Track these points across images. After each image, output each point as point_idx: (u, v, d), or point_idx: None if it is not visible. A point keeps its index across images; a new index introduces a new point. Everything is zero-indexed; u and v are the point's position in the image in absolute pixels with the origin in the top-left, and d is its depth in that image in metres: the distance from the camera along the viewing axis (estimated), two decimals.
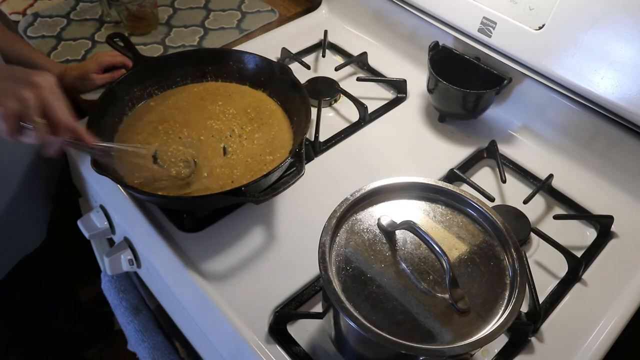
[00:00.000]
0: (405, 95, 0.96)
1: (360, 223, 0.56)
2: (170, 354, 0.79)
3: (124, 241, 0.79)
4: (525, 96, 0.87)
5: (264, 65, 0.85)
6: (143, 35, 1.10)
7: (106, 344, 1.45)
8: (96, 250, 1.05)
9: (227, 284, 0.68)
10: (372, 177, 0.59)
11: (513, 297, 0.50)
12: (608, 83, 0.73)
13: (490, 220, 0.56)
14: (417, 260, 0.53)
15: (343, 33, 1.09)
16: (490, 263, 0.53)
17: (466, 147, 0.87)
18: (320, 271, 0.50)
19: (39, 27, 1.11)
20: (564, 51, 0.76)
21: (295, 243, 0.73)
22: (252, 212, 0.76)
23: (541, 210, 0.80)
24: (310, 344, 0.64)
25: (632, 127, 0.75)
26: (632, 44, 0.69)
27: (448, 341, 0.47)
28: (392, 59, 1.03)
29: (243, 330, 0.63)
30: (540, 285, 0.67)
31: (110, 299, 0.88)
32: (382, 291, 0.51)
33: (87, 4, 1.18)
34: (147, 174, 0.71)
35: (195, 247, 0.72)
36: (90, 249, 1.06)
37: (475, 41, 0.88)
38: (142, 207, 0.76)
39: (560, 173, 0.81)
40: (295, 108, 0.81)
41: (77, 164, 0.84)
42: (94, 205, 0.86)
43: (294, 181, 0.66)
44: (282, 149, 0.77)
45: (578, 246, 0.74)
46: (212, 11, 1.17)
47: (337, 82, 0.96)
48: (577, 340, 0.64)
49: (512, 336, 0.64)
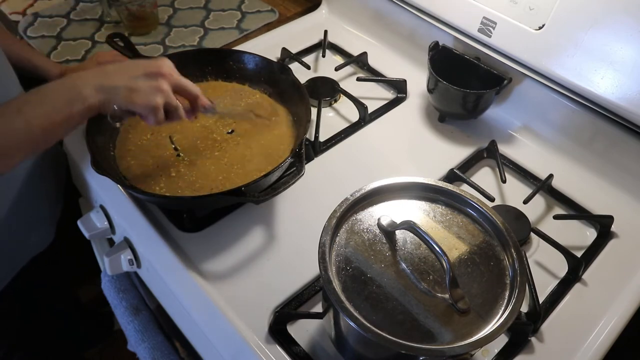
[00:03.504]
0: (405, 95, 0.96)
1: (360, 223, 0.56)
2: (170, 354, 0.79)
3: (124, 241, 0.78)
4: (525, 96, 0.87)
5: (264, 65, 0.85)
6: (143, 35, 1.10)
7: (106, 344, 1.44)
8: (96, 250, 1.04)
9: (227, 284, 0.68)
10: (372, 177, 0.59)
11: (513, 297, 0.50)
12: (608, 83, 0.73)
13: (490, 220, 0.56)
14: (417, 260, 0.53)
15: (343, 33, 1.09)
16: (490, 263, 0.53)
17: (466, 147, 0.87)
18: (320, 271, 0.50)
19: (39, 27, 1.11)
20: (564, 51, 0.76)
21: (295, 243, 0.73)
22: (252, 212, 0.76)
23: (541, 210, 0.80)
24: (310, 344, 0.64)
25: (632, 127, 0.75)
26: (632, 44, 0.69)
27: (448, 341, 0.47)
28: (392, 59, 1.03)
29: (243, 330, 0.63)
30: (540, 285, 0.67)
31: (110, 299, 0.88)
32: (382, 291, 0.51)
33: (87, 4, 1.18)
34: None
35: (195, 247, 0.72)
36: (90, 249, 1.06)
37: (475, 41, 0.88)
38: (142, 207, 0.76)
39: (560, 173, 0.81)
40: (295, 108, 0.81)
41: (77, 164, 0.84)
42: (94, 205, 0.86)
43: (294, 181, 0.66)
44: (282, 149, 0.77)
45: (578, 246, 0.74)
46: (212, 11, 1.17)
47: (337, 82, 0.96)
48: (577, 340, 0.64)
49: (512, 336, 0.64)
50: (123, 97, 0.60)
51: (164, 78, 0.63)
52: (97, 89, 0.59)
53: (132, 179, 0.72)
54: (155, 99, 0.61)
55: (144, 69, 0.62)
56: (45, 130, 0.58)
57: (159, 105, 0.62)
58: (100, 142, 0.73)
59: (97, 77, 0.61)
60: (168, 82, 0.63)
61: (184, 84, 0.66)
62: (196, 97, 0.68)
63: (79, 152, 0.84)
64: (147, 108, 0.62)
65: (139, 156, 0.75)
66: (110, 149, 0.76)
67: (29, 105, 0.58)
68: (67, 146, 0.87)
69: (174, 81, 0.64)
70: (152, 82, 0.62)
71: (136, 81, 0.61)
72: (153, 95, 0.61)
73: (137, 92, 0.61)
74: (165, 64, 0.64)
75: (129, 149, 0.76)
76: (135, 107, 0.61)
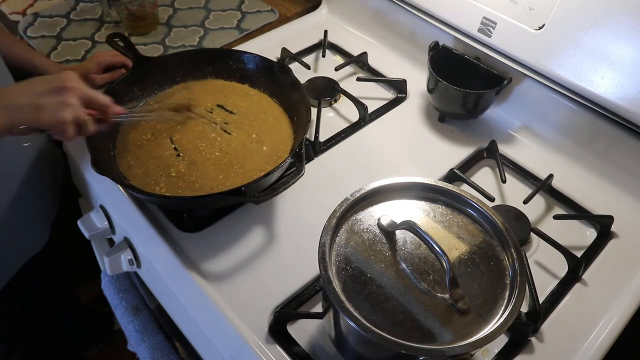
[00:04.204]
0: (405, 95, 0.96)
1: (360, 223, 0.56)
2: (170, 354, 0.79)
3: (124, 241, 0.79)
4: (525, 96, 0.87)
5: (264, 65, 0.85)
6: (143, 35, 1.10)
7: (106, 344, 1.44)
8: (96, 250, 1.05)
9: (227, 284, 0.68)
10: (372, 177, 0.59)
11: (513, 297, 0.50)
12: (608, 83, 0.73)
13: (490, 220, 0.56)
14: (417, 260, 0.53)
15: (343, 33, 1.09)
16: (490, 263, 0.53)
17: (466, 147, 0.87)
18: (320, 271, 0.50)
19: (39, 27, 1.11)
20: (564, 51, 0.76)
21: (295, 243, 0.73)
22: (252, 212, 0.76)
23: (541, 210, 0.80)
24: (310, 344, 0.64)
25: (632, 127, 0.75)
26: (632, 44, 0.69)
27: (448, 341, 0.47)
28: (392, 59, 1.03)
29: (243, 330, 0.63)
30: (540, 285, 0.67)
31: (110, 299, 0.88)
32: (382, 291, 0.51)
33: (87, 4, 1.18)
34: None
35: (195, 247, 0.72)
36: (90, 249, 1.06)
37: (475, 41, 0.88)
38: (142, 207, 0.76)
39: (560, 173, 0.81)
40: (295, 108, 0.81)
41: (77, 164, 0.84)
42: (94, 205, 0.86)
43: (294, 181, 0.66)
44: (282, 149, 0.77)
45: (578, 246, 0.74)
46: (212, 11, 1.17)
47: (337, 82, 0.96)
48: (577, 340, 0.64)
49: (512, 336, 0.64)
50: (29, 115, 0.58)
51: (71, 91, 0.60)
52: (1, 109, 0.57)
53: (132, 179, 0.72)
54: (62, 114, 0.59)
55: (48, 85, 0.60)
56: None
57: (68, 120, 0.60)
58: (100, 142, 0.73)
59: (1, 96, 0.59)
60: (75, 95, 0.61)
61: (92, 95, 0.64)
62: (106, 106, 0.66)
63: (79, 152, 0.84)
64: (56, 124, 0.60)
65: (139, 156, 0.75)
66: (110, 149, 0.76)
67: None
68: (67, 146, 0.87)
69: (81, 94, 0.62)
70: (58, 98, 0.59)
71: (42, 98, 0.59)
72: (61, 110, 0.59)
73: (44, 109, 0.59)
74: (70, 77, 0.62)
75: (129, 149, 0.76)
76: (43, 124, 0.59)
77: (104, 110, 0.66)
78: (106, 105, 0.66)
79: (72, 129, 0.61)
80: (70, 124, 0.60)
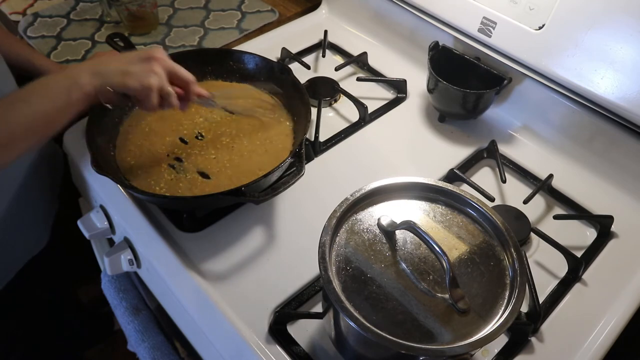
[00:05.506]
0: (405, 95, 0.96)
1: (360, 223, 0.56)
2: (170, 354, 0.79)
3: (124, 241, 0.79)
4: (525, 96, 0.87)
5: (264, 65, 0.85)
6: (143, 35, 1.10)
7: (106, 344, 1.45)
8: (96, 250, 1.05)
9: (227, 284, 0.68)
10: (372, 177, 0.59)
11: (513, 297, 0.50)
12: (608, 83, 0.73)
13: (490, 220, 0.56)
14: (417, 260, 0.53)
15: (343, 33, 1.09)
16: (490, 263, 0.53)
17: (466, 147, 0.87)
18: (320, 271, 0.50)
19: (39, 27, 1.11)
20: (564, 51, 0.76)
21: (295, 243, 0.73)
22: (252, 212, 0.76)
23: (541, 210, 0.80)
24: (310, 344, 0.64)
25: (632, 127, 0.75)
26: (632, 44, 0.69)
27: (448, 341, 0.47)
28: (392, 59, 1.03)
29: (243, 330, 0.63)
30: (540, 285, 0.67)
31: (110, 299, 0.88)
32: (382, 291, 0.51)
33: (87, 4, 1.18)
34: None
35: (195, 247, 0.72)
36: (90, 249, 1.06)
37: (475, 41, 0.88)
38: (142, 207, 0.76)
39: (560, 173, 0.81)
40: (295, 108, 0.81)
41: (77, 163, 0.84)
42: (94, 205, 0.86)
43: (294, 181, 0.66)
44: (282, 149, 0.77)
45: (578, 246, 0.74)
46: (212, 11, 1.17)
47: (337, 82, 0.96)
48: (577, 340, 0.64)
49: (512, 336, 0.64)
50: (117, 79, 0.61)
51: (158, 62, 0.63)
52: (92, 75, 0.61)
53: (132, 179, 0.72)
54: (149, 80, 0.62)
55: (138, 55, 0.64)
56: (47, 118, 0.60)
57: (153, 86, 0.62)
58: (101, 142, 0.73)
59: (92, 65, 0.63)
60: (161, 65, 0.64)
61: (177, 69, 0.66)
62: (189, 83, 0.67)
63: (79, 152, 0.84)
64: (141, 90, 0.62)
65: (140, 156, 0.75)
66: (110, 149, 0.76)
67: (35, 95, 0.60)
68: (67, 146, 0.87)
69: (167, 65, 0.65)
70: (145, 65, 0.63)
71: (130, 65, 0.62)
72: (147, 76, 0.62)
73: (131, 74, 0.62)
74: (158, 50, 0.65)
75: (129, 149, 0.76)
76: (130, 88, 0.62)
77: (187, 88, 0.68)
78: (190, 81, 0.67)
79: (156, 97, 0.63)
80: (155, 91, 0.63)
